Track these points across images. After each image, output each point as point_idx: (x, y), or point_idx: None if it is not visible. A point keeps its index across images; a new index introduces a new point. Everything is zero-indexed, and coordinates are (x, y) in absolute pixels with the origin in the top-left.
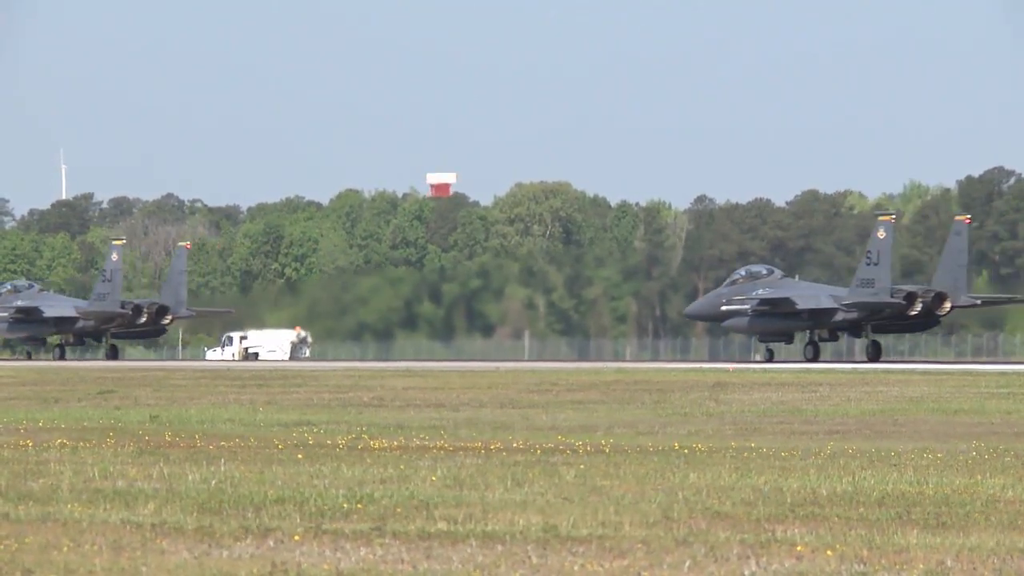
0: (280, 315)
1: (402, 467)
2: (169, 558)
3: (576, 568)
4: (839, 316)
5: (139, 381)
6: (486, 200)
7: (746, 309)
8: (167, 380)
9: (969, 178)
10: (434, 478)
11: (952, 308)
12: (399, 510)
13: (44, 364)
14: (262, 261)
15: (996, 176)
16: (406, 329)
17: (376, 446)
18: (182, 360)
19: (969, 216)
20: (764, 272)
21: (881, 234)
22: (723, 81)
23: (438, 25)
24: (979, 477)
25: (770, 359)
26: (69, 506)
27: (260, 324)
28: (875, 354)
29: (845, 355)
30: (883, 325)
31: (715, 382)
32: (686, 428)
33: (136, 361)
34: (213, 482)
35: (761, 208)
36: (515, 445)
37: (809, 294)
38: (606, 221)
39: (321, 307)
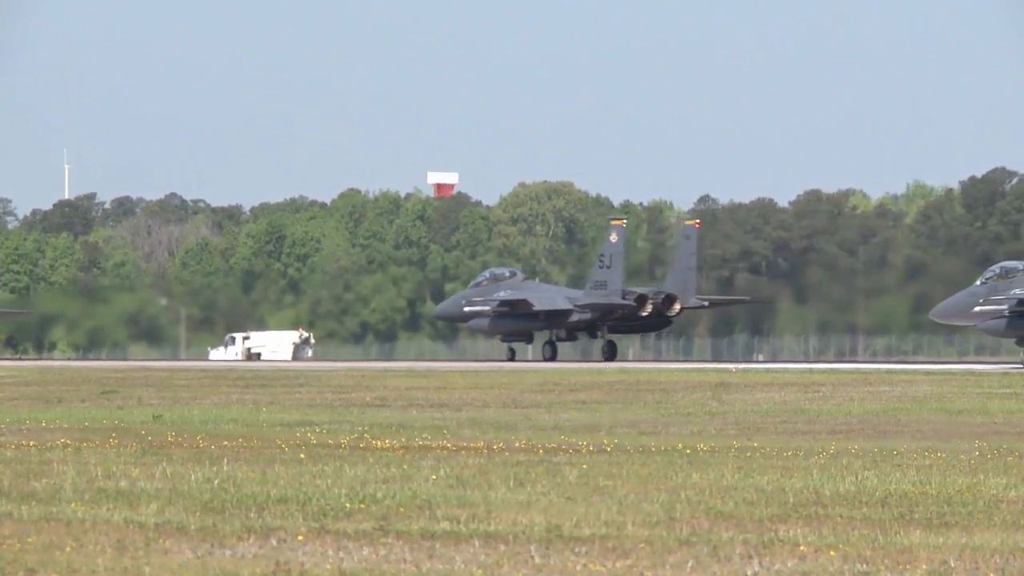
0: (282, 315)
1: (405, 467)
2: (172, 558)
3: (579, 568)
4: (575, 317)
5: (142, 381)
6: (489, 200)
7: (487, 310)
8: (170, 380)
9: (972, 178)
10: (437, 478)
11: (681, 310)
12: (402, 510)
13: (46, 364)
14: (264, 261)
15: (999, 176)
16: (409, 330)
17: (379, 446)
18: (184, 360)
19: (698, 221)
20: (507, 274)
21: (614, 238)
22: (726, 81)
23: (441, 25)
24: (982, 477)
25: (511, 358)
26: (72, 506)
27: (262, 324)
28: (611, 354)
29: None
30: (617, 326)
31: (718, 382)
32: (689, 428)
33: (139, 361)
34: (216, 482)
35: (764, 208)
36: (518, 445)
37: (546, 296)
38: (609, 221)
39: (323, 307)
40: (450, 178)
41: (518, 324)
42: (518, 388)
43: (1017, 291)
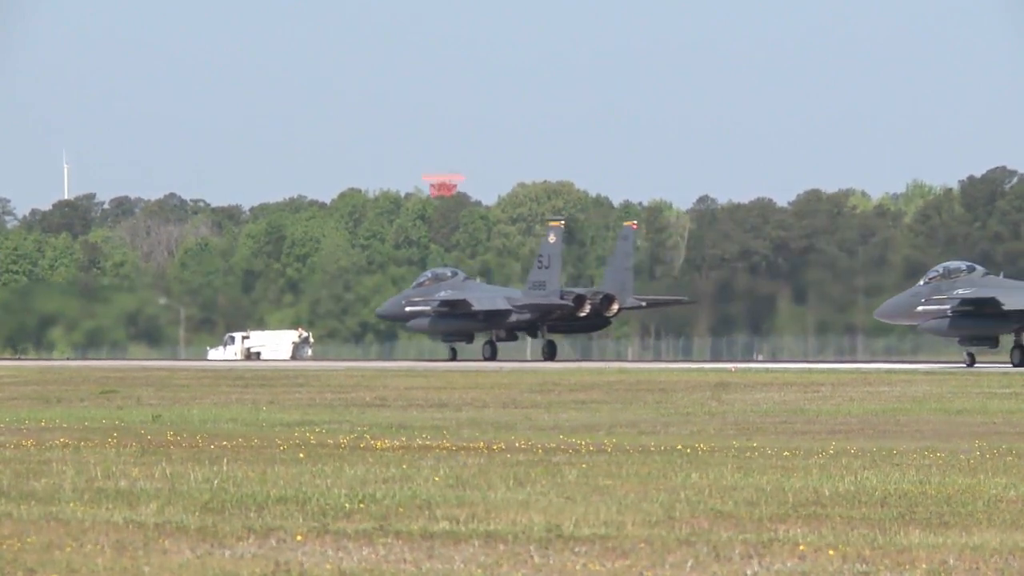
0: (282, 315)
1: (404, 467)
2: (172, 558)
3: (578, 568)
4: (514, 317)
5: (141, 381)
6: (489, 200)
7: (428, 310)
8: (169, 380)
9: (971, 178)
10: (437, 478)
11: (620, 310)
12: (401, 510)
13: (46, 364)
14: (264, 261)
15: (999, 176)
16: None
17: (378, 446)
18: (184, 360)
19: (635, 222)
20: (448, 275)
21: (552, 239)
22: (725, 81)
23: (441, 24)
24: (981, 477)
25: (453, 358)
26: (71, 506)
27: (262, 324)
28: (550, 353)
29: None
30: (556, 325)
31: (717, 382)
32: (688, 428)
33: (139, 361)
34: (215, 482)
35: (763, 208)
36: (517, 445)
37: (485, 296)
38: (608, 221)
39: (323, 306)
40: (451, 178)
41: (458, 324)
42: (517, 388)
43: (959, 291)
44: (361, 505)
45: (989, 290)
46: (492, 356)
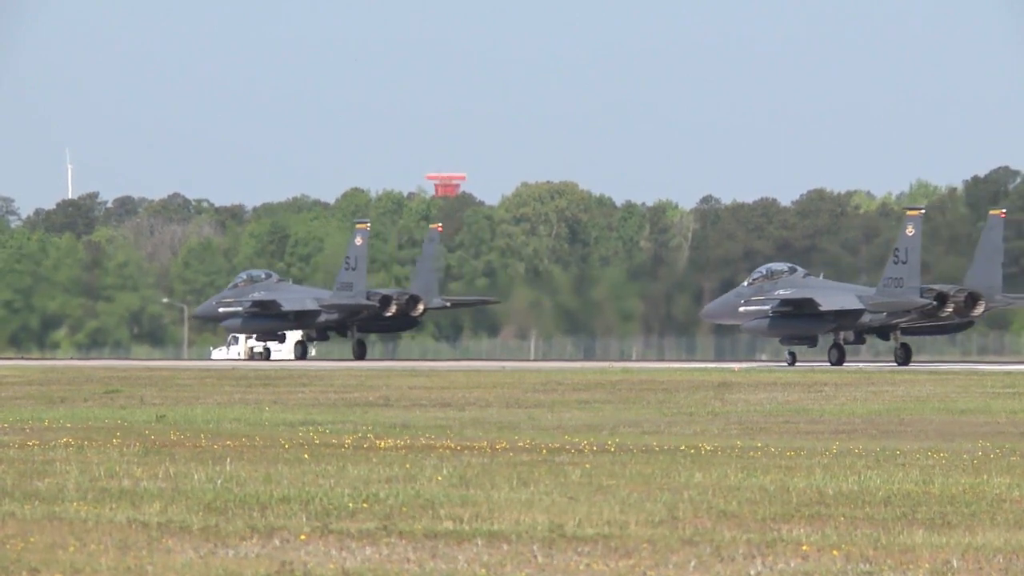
0: None
1: (408, 466)
2: (175, 557)
3: (582, 567)
4: (322, 317)
5: (145, 380)
6: (492, 200)
7: (240, 310)
8: (173, 380)
9: (975, 178)
10: (440, 477)
11: (425, 310)
12: (405, 509)
13: (49, 364)
14: (267, 260)
15: (1002, 176)
16: (411, 329)
17: (382, 445)
18: (187, 359)
19: (440, 224)
20: (263, 276)
21: (359, 241)
22: (729, 81)
23: (444, 24)
24: (985, 477)
25: (267, 357)
26: (75, 505)
27: None
28: (360, 353)
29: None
30: (366, 325)
31: (720, 382)
32: (692, 428)
33: (142, 360)
34: (219, 481)
35: (767, 208)
36: (521, 444)
37: (295, 297)
38: (612, 221)
39: None
40: (458, 178)
41: (269, 324)
42: (521, 388)
43: (780, 292)
44: (364, 505)
45: (807, 291)
46: (303, 355)
